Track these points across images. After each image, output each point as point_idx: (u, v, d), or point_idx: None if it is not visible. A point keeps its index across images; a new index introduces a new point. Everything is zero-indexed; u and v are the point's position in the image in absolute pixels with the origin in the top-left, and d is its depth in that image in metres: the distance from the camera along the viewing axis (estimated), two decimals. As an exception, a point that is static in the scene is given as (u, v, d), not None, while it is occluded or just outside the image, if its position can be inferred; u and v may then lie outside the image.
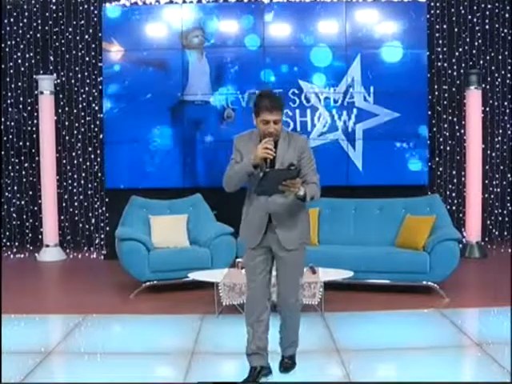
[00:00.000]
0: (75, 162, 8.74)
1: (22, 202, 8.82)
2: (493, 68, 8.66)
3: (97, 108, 8.62)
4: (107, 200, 8.51)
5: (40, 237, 8.59)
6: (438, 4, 8.53)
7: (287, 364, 4.04)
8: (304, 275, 5.35)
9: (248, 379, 3.83)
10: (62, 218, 8.71)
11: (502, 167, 8.77)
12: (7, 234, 8.83)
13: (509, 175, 8.78)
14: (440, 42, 8.56)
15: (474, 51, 8.61)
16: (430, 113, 8.40)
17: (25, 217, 8.84)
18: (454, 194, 8.71)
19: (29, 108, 8.75)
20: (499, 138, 8.73)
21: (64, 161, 8.71)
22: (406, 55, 7.99)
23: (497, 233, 8.77)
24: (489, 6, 8.58)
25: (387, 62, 7.99)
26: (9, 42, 8.64)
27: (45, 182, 8.32)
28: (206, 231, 6.55)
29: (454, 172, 8.69)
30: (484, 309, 5.58)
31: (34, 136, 8.66)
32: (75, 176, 8.76)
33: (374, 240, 6.50)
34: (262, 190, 3.61)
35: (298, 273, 3.88)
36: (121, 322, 5.43)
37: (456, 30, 8.57)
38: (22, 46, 8.65)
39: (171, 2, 8.10)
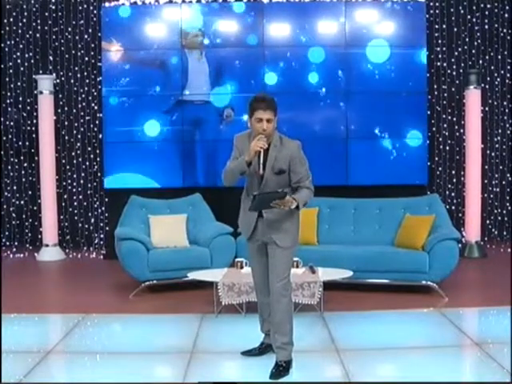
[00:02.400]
0: (74, 161, 8.74)
1: (22, 202, 8.82)
2: (492, 68, 8.66)
3: (96, 108, 8.63)
4: (106, 200, 8.51)
5: (39, 236, 8.59)
6: (437, 4, 8.53)
7: (276, 371, 3.95)
8: (303, 275, 5.39)
9: (255, 350, 4.32)
10: (62, 217, 8.72)
11: (501, 167, 8.77)
12: (7, 233, 8.83)
13: (508, 175, 8.78)
14: (439, 41, 8.56)
15: (474, 51, 8.61)
16: (429, 112, 8.39)
17: (24, 216, 8.84)
18: (453, 194, 8.71)
19: (28, 108, 8.75)
20: (498, 138, 8.73)
21: (63, 160, 8.71)
22: (405, 55, 7.99)
23: (496, 232, 8.77)
24: (488, 6, 8.59)
25: (386, 62, 7.99)
26: (8, 42, 8.64)
27: (44, 181, 8.31)
28: (206, 231, 6.55)
29: (453, 172, 8.69)
30: (483, 308, 5.58)
31: (34, 136, 8.67)
32: (74, 176, 8.76)
33: (373, 240, 6.50)
34: (255, 208, 3.91)
35: (285, 266, 4.05)
36: (120, 321, 5.42)
37: (455, 29, 8.58)
38: (21, 46, 8.65)
39: (170, 1, 8.09)
